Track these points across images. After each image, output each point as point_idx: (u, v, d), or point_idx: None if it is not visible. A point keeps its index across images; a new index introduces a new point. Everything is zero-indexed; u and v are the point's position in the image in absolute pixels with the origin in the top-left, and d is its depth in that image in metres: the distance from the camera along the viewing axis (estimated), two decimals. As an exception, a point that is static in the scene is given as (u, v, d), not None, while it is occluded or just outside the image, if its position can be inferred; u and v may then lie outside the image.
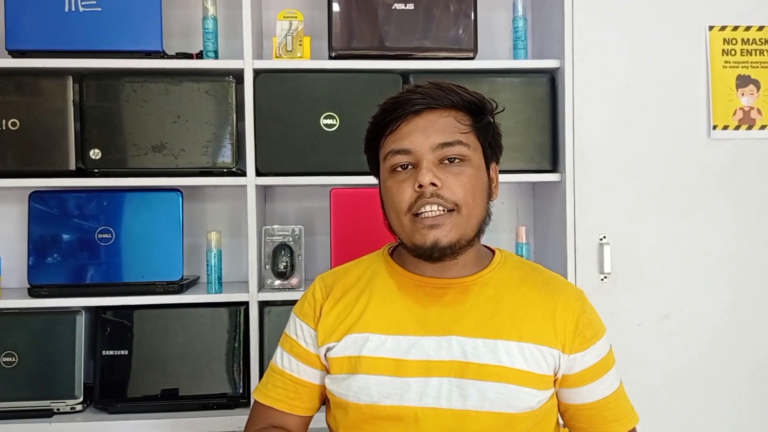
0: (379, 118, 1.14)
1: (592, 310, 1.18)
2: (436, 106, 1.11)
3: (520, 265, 1.21)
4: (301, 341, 1.19)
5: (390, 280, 1.18)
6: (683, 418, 1.85)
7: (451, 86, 1.13)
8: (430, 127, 1.10)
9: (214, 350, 1.84)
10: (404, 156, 1.10)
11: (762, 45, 1.86)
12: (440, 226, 1.07)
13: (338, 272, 1.24)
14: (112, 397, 1.81)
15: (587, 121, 1.84)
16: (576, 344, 1.13)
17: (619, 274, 1.84)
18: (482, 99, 1.15)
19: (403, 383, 1.09)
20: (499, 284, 1.16)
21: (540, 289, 1.16)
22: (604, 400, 1.15)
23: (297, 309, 1.23)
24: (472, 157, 1.11)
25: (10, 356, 1.79)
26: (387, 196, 1.14)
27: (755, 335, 1.87)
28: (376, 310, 1.14)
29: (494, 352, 1.09)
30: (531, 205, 2.19)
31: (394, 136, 1.12)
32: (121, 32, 1.81)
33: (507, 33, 2.06)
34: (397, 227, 1.13)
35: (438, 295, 1.14)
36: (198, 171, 1.85)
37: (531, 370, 1.09)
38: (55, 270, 1.82)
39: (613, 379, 1.17)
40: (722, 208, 1.86)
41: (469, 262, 1.15)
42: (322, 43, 1.96)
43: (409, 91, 1.13)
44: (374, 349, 1.11)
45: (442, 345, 1.10)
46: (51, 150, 1.81)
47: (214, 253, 1.88)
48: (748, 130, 1.86)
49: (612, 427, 1.16)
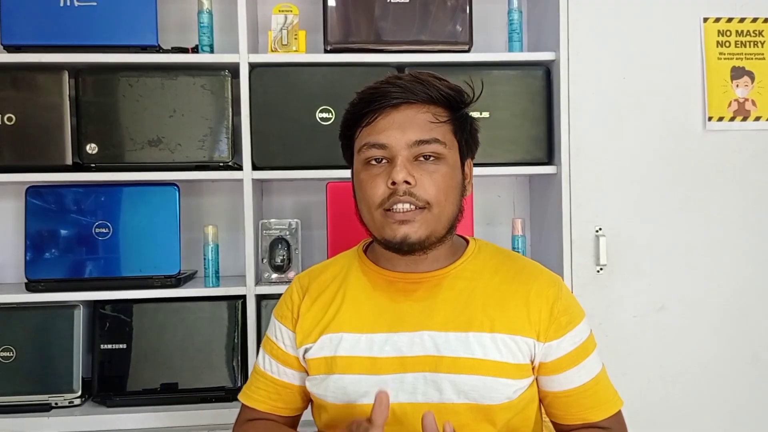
0: (357, 107, 1.13)
1: (568, 296, 1.17)
2: (414, 100, 1.10)
3: (494, 254, 1.21)
4: (280, 344, 1.20)
5: (363, 277, 1.18)
6: (679, 410, 1.86)
7: (430, 79, 1.11)
8: (408, 122, 1.09)
9: (211, 344, 1.85)
10: (379, 150, 1.09)
11: (756, 36, 1.86)
12: (410, 222, 1.07)
13: (315, 271, 1.24)
14: (111, 391, 1.82)
15: (583, 114, 1.85)
16: (551, 332, 1.12)
17: (615, 266, 1.85)
18: (461, 92, 1.13)
19: (379, 380, 1.10)
20: (472, 275, 1.15)
21: (513, 278, 1.16)
22: (582, 387, 1.15)
23: (276, 311, 1.24)
24: (447, 155, 1.11)
25: (7, 351, 1.80)
26: (359, 188, 1.14)
27: (751, 326, 1.88)
28: (350, 308, 1.15)
29: (466, 345, 1.09)
30: (527, 198, 2.19)
31: (370, 129, 1.11)
32: (116, 27, 1.80)
33: (502, 26, 2.06)
34: (367, 220, 1.13)
35: (410, 290, 1.14)
36: (194, 165, 1.85)
37: (505, 361, 1.09)
38: (53, 264, 1.83)
39: (592, 365, 1.16)
40: (718, 199, 1.87)
41: (441, 256, 1.15)
42: (317, 37, 1.95)
43: (388, 83, 1.11)
44: (349, 348, 1.12)
45: (414, 341, 1.10)
46: (47, 145, 1.81)
47: (211, 247, 1.88)
48: (743, 121, 1.86)
49: (590, 414, 1.15)
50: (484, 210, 2.16)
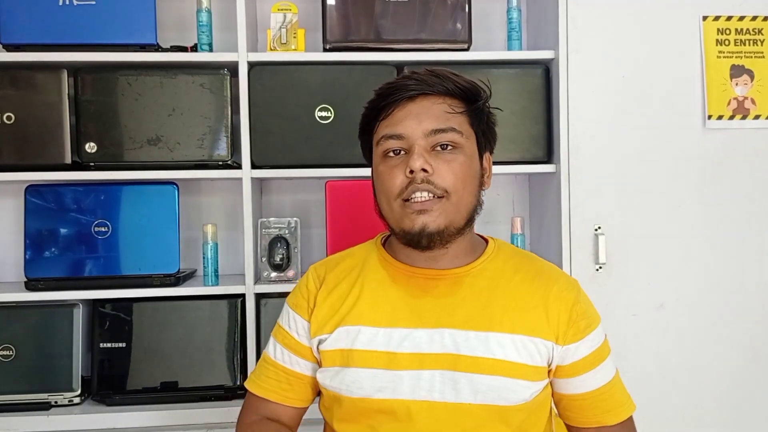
0: (374, 102, 1.14)
1: (586, 300, 1.18)
2: (430, 92, 1.11)
3: (513, 254, 1.21)
4: (293, 333, 1.19)
5: (382, 270, 1.17)
6: (678, 408, 1.86)
7: (447, 73, 1.13)
8: (424, 113, 1.10)
9: (211, 342, 1.85)
10: (397, 141, 1.10)
11: (755, 35, 1.86)
12: (429, 212, 1.07)
13: (331, 262, 1.24)
14: (110, 390, 1.82)
15: (582, 112, 1.85)
16: (569, 335, 1.12)
17: (614, 264, 1.85)
18: (477, 86, 1.15)
19: (396, 376, 1.09)
20: (492, 275, 1.15)
21: (533, 279, 1.15)
22: (597, 391, 1.15)
23: (290, 300, 1.22)
24: (464, 145, 1.11)
25: (7, 349, 1.80)
26: (378, 181, 1.14)
27: (750, 325, 1.88)
28: (368, 301, 1.14)
29: (486, 345, 1.09)
30: (526, 196, 2.19)
31: (387, 121, 1.12)
32: (115, 25, 1.80)
33: (502, 24, 2.06)
34: (387, 212, 1.12)
35: (430, 286, 1.14)
36: (193, 164, 1.85)
37: (523, 362, 1.09)
38: (52, 263, 1.83)
39: (608, 369, 1.17)
40: (717, 197, 1.87)
41: (461, 253, 1.15)
42: (316, 36, 1.95)
43: (404, 77, 1.13)
44: (366, 342, 1.11)
45: (434, 338, 1.10)
46: (46, 144, 1.81)
47: (210, 245, 1.88)
48: (743, 120, 1.86)
49: (604, 418, 1.15)
50: (484, 208, 2.12)
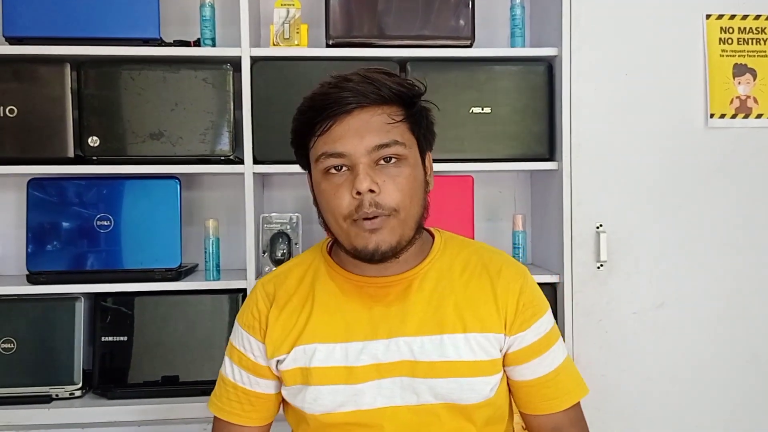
0: (308, 116, 1.09)
1: (533, 289, 1.18)
2: (367, 103, 1.06)
3: (460, 249, 1.20)
4: (249, 354, 1.18)
5: (331, 282, 1.16)
6: (678, 406, 1.87)
7: (380, 78, 1.08)
8: (364, 127, 1.06)
9: (212, 336, 1.85)
10: (338, 159, 1.06)
11: (759, 34, 1.86)
12: (380, 230, 1.05)
13: (279, 276, 1.21)
14: (111, 383, 1.82)
15: (584, 110, 1.84)
16: (516, 325, 1.14)
17: (616, 262, 1.85)
18: (412, 87, 1.11)
19: (356, 390, 1.09)
20: (440, 275, 1.15)
21: (480, 275, 1.16)
22: (543, 378, 1.16)
23: (241, 320, 1.20)
24: (408, 155, 1.08)
25: (9, 342, 1.80)
26: (322, 198, 1.11)
27: (751, 324, 1.88)
28: (322, 317, 1.13)
29: (441, 348, 1.09)
30: (528, 194, 2.19)
31: (325, 138, 1.07)
32: (118, 20, 1.80)
33: (505, 21, 2.06)
34: (336, 230, 1.10)
35: (381, 295, 1.13)
36: (196, 159, 1.86)
37: (479, 359, 1.10)
38: (54, 257, 1.83)
39: (555, 356, 1.17)
40: (719, 196, 1.87)
41: (410, 256, 1.14)
42: (319, 31, 1.95)
43: (338, 87, 1.07)
44: (323, 359, 1.11)
45: (390, 347, 1.10)
46: (49, 137, 1.81)
47: (212, 240, 1.88)
48: (745, 118, 1.86)
49: (550, 405, 1.16)
50: (485, 206, 2.16)
